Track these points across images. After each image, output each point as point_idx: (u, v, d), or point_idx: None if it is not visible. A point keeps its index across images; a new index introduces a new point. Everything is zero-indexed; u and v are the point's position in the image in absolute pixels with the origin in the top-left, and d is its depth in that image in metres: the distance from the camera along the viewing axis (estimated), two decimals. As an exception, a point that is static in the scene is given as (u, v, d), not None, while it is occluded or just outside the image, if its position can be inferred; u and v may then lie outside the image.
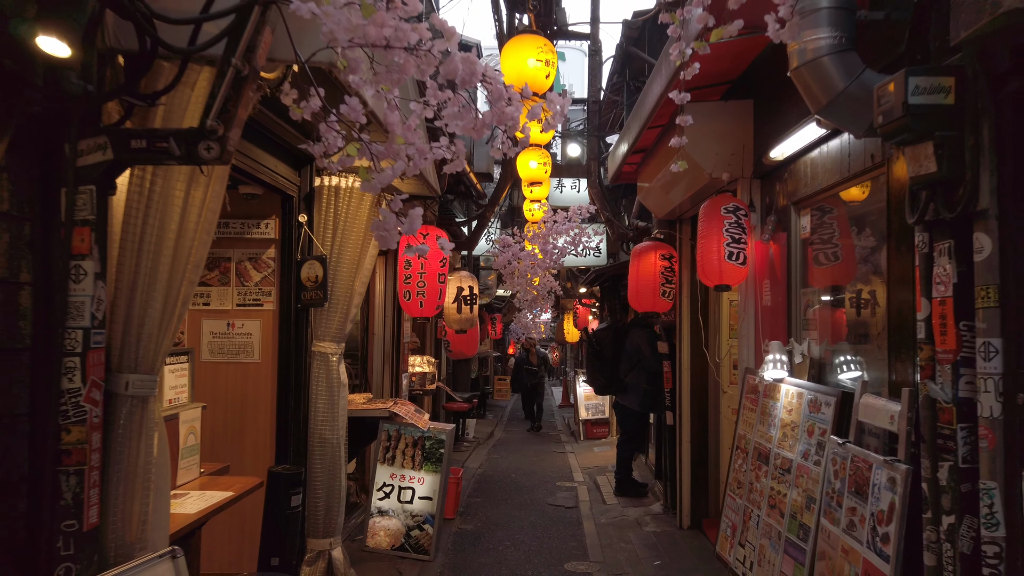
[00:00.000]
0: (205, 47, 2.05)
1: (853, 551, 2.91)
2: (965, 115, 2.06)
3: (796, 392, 3.77)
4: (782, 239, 4.28)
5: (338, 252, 4.52)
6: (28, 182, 2.08)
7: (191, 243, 2.38)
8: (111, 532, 2.22)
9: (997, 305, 2.02)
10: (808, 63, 2.85)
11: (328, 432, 4.46)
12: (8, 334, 2.05)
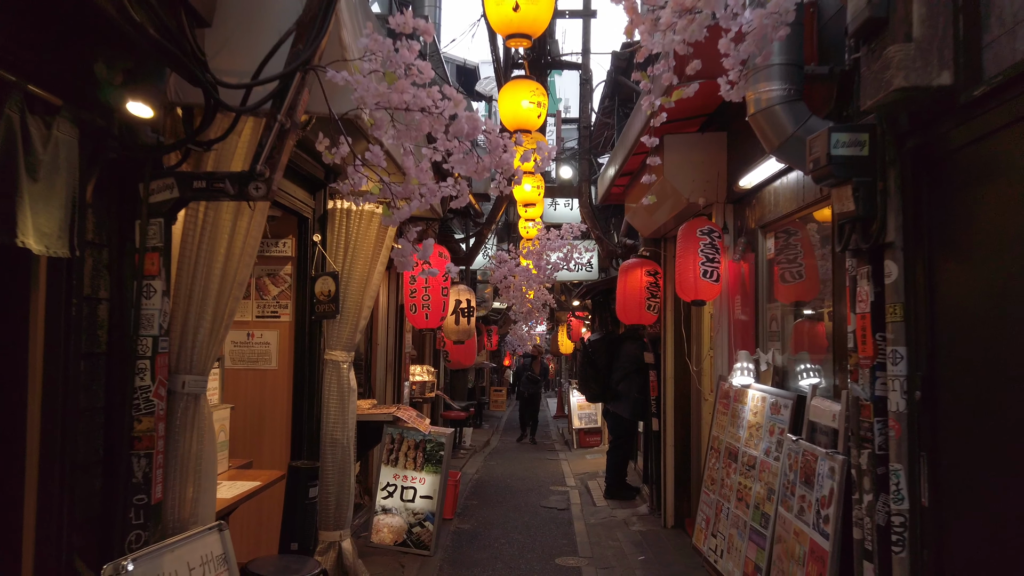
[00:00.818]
0: (256, 107, 2.51)
1: (802, 533, 3.35)
2: (877, 165, 2.53)
3: (760, 396, 4.22)
4: (751, 259, 4.74)
5: (349, 269, 4.97)
6: (108, 216, 2.53)
7: (237, 265, 2.83)
8: (169, 507, 2.66)
9: (902, 320, 2.47)
10: (763, 110, 3.33)
11: (339, 433, 4.88)
12: (91, 341, 2.49)
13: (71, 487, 2.36)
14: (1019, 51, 1.91)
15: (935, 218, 2.38)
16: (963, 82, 2.12)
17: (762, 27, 2.65)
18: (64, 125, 2.19)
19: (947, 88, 2.16)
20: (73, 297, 2.35)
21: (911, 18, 2.16)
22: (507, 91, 3.89)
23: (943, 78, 2.15)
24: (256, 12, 2.72)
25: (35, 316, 2.29)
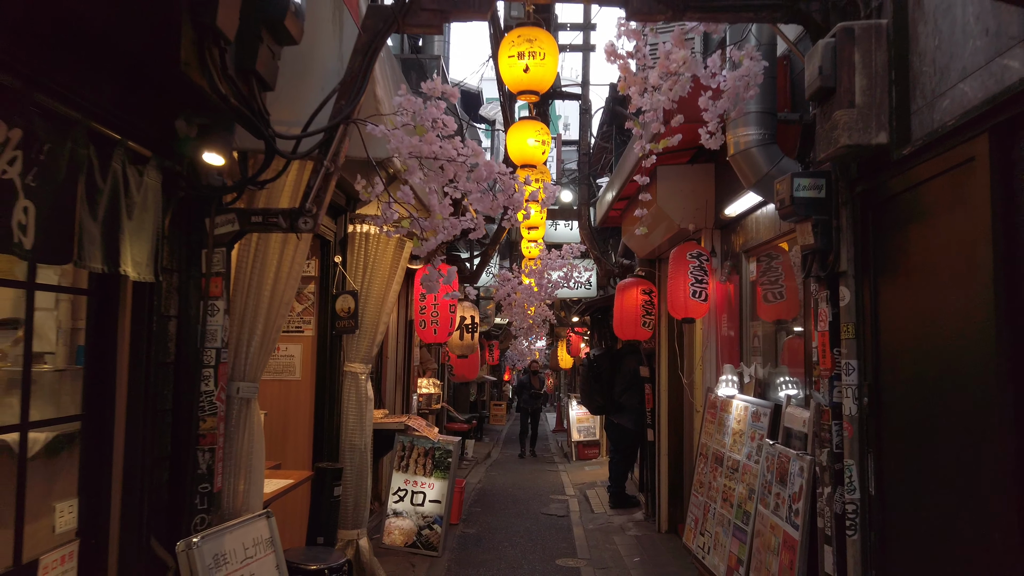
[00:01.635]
0: (306, 154, 2.96)
1: (777, 526, 3.77)
2: (832, 205, 2.98)
3: (743, 406, 4.64)
4: (736, 280, 5.19)
5: (367, 287, 5.41)
6: (179, 245, 2.97)
7: (284, 287, 3.27)
8: (225, 496, 3.08)
9: (854, 337, 2.91)
10: (741, 152, 3.79)
11: (357, 439, 5.30)
12: (162, 352, 2.92)
13: (148, 478, 2.78)
14: (936, 120, 2.36)
15: (879, 251, 2.82)
16: (896, 141, 2.57)
17: (735, 87, 3.12)
18: (152, 172, 2.64)
19: (884, 146, 2.61)
20: (154, 315, 2.78)
21: (854, 89, 2.62)
22: (515, 130, 4.34)
23: (880, 138, 2.60)
24: (303, 71, 3.18)
25: (122, 331, 2.73)
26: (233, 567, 2.86)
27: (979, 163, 2.12)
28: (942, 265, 2.36)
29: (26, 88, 2.01)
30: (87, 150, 2.25)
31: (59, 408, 2.57)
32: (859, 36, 2.64)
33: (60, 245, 2.15)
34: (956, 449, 2.26)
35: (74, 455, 2.60)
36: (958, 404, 2.25)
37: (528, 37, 3.11)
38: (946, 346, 2.32)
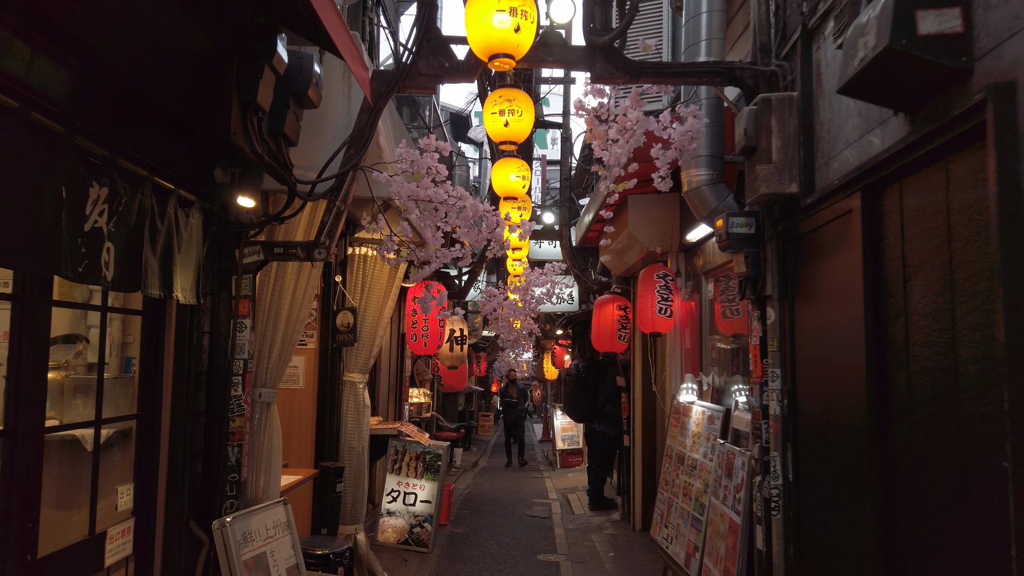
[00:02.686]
0: (320, 196, 3.53)
1: (725, 514, 4.34)
2: (760, 240, 3.58)
3: (701, 411, 5.23)
4: (697, 298, 5.79)
5: (365, 304, 5.96)
6: (212, 273, 3.52)
7: (299, 307, 3.82)
8: (249, 485, 3.61)
9: (778, 350, 3.50)
10: (694, 189, 4.39)
11: (355, 442, 5.83)
12: (198, 362, 3.46)
13: (187, 469, 3.32)
14: (830, 177, 2.96)
15: (794, 279, 3.42)
16: (804, 191, 3.18)
17: (681, 140, 3.73)
18: (195, 213, 3.20)
19: (795, 194, 3.21)
20: (193, 331, 3.33)
21: (771, 147, 3.22)
22: (499, 167, 4.93)
23: (792, 188, 3.20)
24: (317, 125, 3.75)
25: (168, 345, 3.27)
26: (257, 544, 3.39)
27: (855, 214, 2.72)
28: (834, 290, 2.95)
29: (111, 155, 2.57)
30: (151, 200, 2.81)
31: (117, 409, 3.10)
32: (775, 105, 3.25)
33: (131, 276, 2.70)
34: (844, 439, 2.84)
35: (130, 447, 3.13)
36: (844, 401, 2.83)
37: (508, 97, 3.70)
38: (836, 355, 2.91)
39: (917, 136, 2.25)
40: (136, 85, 2.66)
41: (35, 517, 2.41)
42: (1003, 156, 1.83)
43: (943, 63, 2.05)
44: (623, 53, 3.70)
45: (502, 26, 2.71)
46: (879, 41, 2.09)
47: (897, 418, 2.49)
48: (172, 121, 2.97)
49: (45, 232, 2.18)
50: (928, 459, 2.30)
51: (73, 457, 2.91)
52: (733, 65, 3.68)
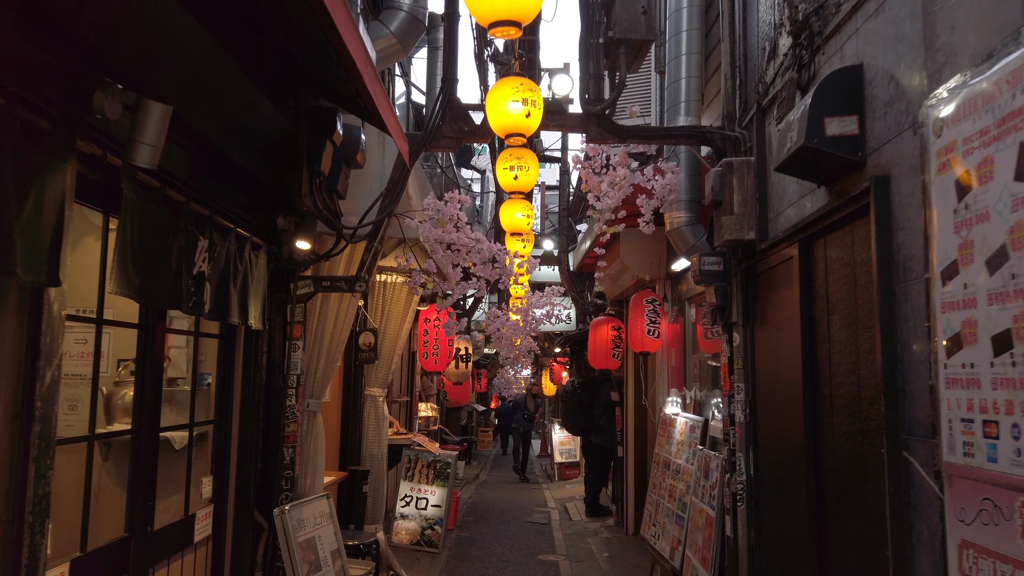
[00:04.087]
0: (361, 239, 4.24)
1: (702, 510, 5.01)
2: (728, 276, 4.29)
3: (684, 421, 5.91)
4: (681, 321, 6.50)
5: (384, 326, 6.65)
6: (271, 303, 4.22)
7: (340, 330, 4.52)
8: (299, 481, 4.29)
9: (742, 367, 4.21)
10: (675, 228, 5.12)
11: (376, 450, 6.50)
12: (259, 377, 4.14)
13: (252, 466, 4.00)
14: (778, 229, 3.69)
15: (754, 309, 4.13)
16: (759, 239, 3.90)
17: (662, 192, 4.46)
18: (262, 254, 3.91)
19: (752, 240, 3.94)
20: (257, 352, 4.03)
21: (733, 202, 3.95)
22: (506, 206, 5.66)
23: (750, 235, 3.93)
24: (356, 177, 4.47)
25: (237, 362, 3.96)
26: (308, 530, 4.07)
27: (794, 260, 3.44)
28: (781, 319, 3.66)
29: (211, 214, 3.28)
30: (234, 246, 3.52)
31: (198, 416, 3.79)
32: (736, 167, 3.98)
33: (222, 308, 3.40)
34: (789, 440, 3.53)
35: (208, 447, 3.81)
36: (788, 409, 3.53)
37: (517, 155, 4.43)
38: (783, 372, 3.61)
39: (832, 206, 2.98)
40: (229, 160, 3.38)
41: (153, 497, 3.09)
42: (881, 228, 2.56)
43: (845, 156, 2.78)
44: (613, 119, 4.44)
45: (516, 112, 3.44)
46: (799, 138, 2.83)
47: (824, 421, 3.20)
48: (250, 183, 3.69)
49: (172, 277, 2.88)
50: (841, 452, 3.00)
51: (164, 455, 3.59)
52: (705, 129, 4.43)
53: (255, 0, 2.67)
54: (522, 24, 2.63)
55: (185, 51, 2.59)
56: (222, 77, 2.85)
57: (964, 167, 2.09)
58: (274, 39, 3.03)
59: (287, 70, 3.42)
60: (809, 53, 3.21)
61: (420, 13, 4.96)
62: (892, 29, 2.56)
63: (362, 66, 2.67)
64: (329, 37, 2.47)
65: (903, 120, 2.48)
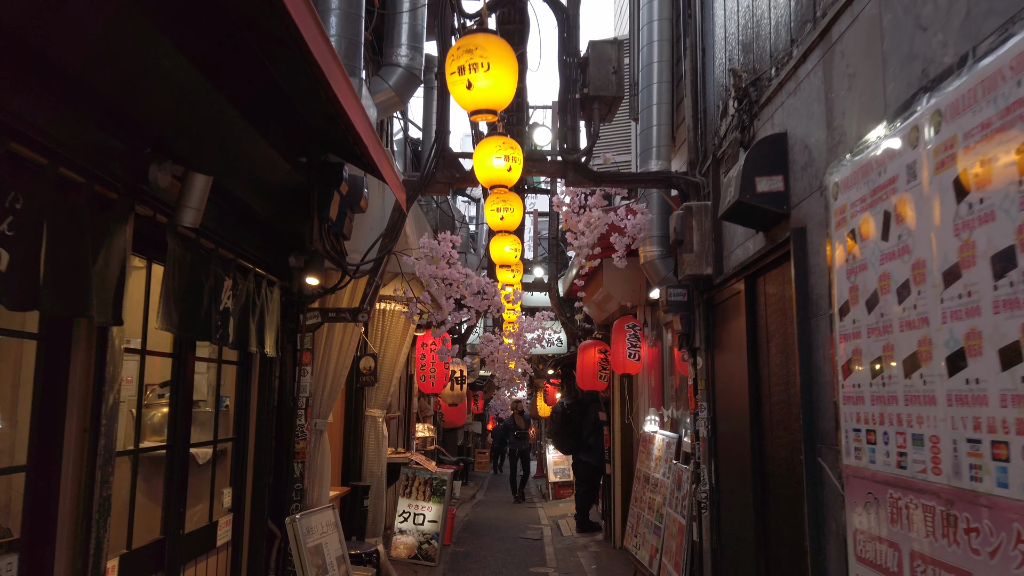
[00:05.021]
0: (363, 274, 4.75)
1: (676, 519, 5.47)
2: (691, 306, 4.80)
3: (662, 438, 6.38)
4: (659, 345, 6.99)
5: (383, 351, 7.13)
6: (283, 332, 4.71)
7: (344, 356, 5.01)
8: (308, 493, 4.75)
9: (704, 388, 4.70)
10: (648, 262, 5.63)
11: (375, 467, 6.94)
12: (272, 399, 4.62)
13: (265, 479, 4.46)
14: (730, 266, 4.20)
15: (713, 335, 4.63)
16: (716, 274, 4.41)
17: (633, 230, 4.98)
18: (276, 290, 4.41)
19: (710, 275, 4.45)
20: (270, 376, 4.51)
21: (693, 241, 4.47)
22: (496, 241, 6.17)
23: (708, 270, 4.44)
24: (359, 219, 4.99)
25: (253, 387, 4.44)
26: (316, 537, 4.52)
27: (742, 294, 3.94)
28: (733, 345, 4.16)
29: (235, 257, 3.79)
30: (253, 284, 4.02)
31: (219, 434, 4.26)
32: (695, 210, 4.51)
33: (243, 338, 3.89)
34: (740, 451, 4.01)
35: (228, 462, 4.28)
36: (739, 424, 4.01)
37: (503, 198, 4.95)
38: (735, 391, 4.10)
39: (767, 248, 3.50)
40: (249, 209, 3.90)
41: (184, 505, 3.56)
42: (798, 271, 3.07)
43: (773, 209, 3.30)
44: (588, 166, 4.98)
45: (499, 167, 3.96)
46: (736, 194, 3.35)
47: (766, 435, 3.68)
48: (266, 227, 4.20)
49: (203, 313, 3.38)
50: (779, 461, 3.48)
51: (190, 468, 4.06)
52: (670, 175, 4.96)
53: (283, 88, 3.20)
54: (497, 111, 3.15)
55: (224, 131, 3.12)
56: (250, 146, 3.37)
57: (851, 226, 2.61)
58: (294, 113, 3.56)
59: (301, 133, 3.95)
60: (748, 118, 3.75)
61: (415, 69, 5.51)
62: (806, 107, 3.10)
63: (366, 136, 3.19)
64: (339, 112, 3.01)
65: (814, 182, 3.00)
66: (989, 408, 1.83)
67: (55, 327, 2.58)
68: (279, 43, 2.66)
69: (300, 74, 2.84)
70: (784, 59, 3.32)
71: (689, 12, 4.99)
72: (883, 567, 2.36)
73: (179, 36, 2.50)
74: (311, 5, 2.31)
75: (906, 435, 2.24)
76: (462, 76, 2.96)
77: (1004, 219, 1.78)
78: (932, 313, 2.09)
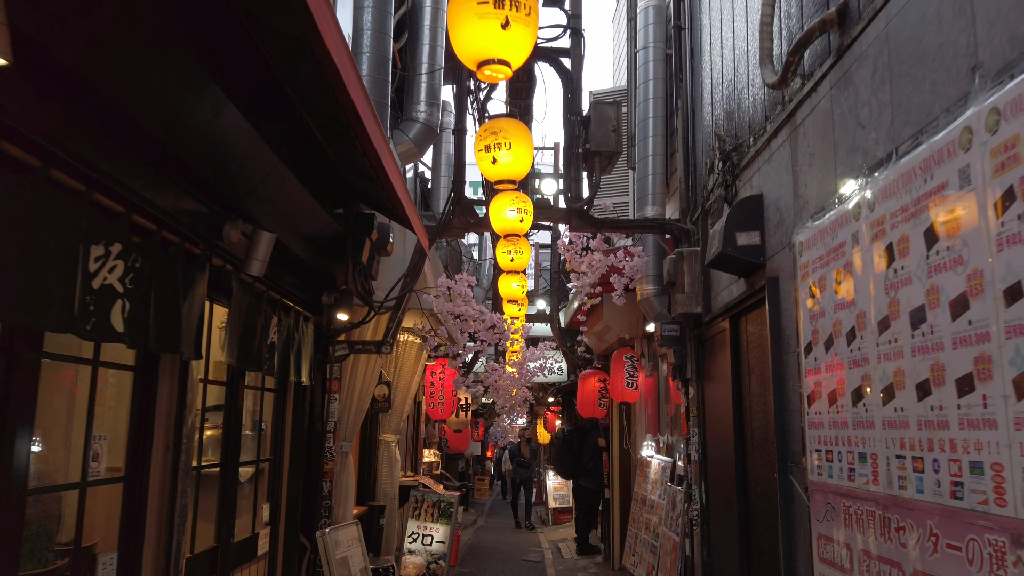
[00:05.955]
0: (387, 310, 5.26)
1: (670, 537, 5.91)
2: (684, 340, 5.31)
3: (658, 462, 6.84)
4: (655, 375, 7.48)
5: (397, 379, 7.60)
6: (314, 362, 5.20)
7: (368, 384, 5.50)
8: (334, 510, 5.20)
9: (696, 415, 5.18)
10: (645, 299, 6.15)
11: (389, 489, 7.38)
12: (302, 424, 5.09)
13: (298, 496, 4.92)
14: (718, 305, 4.71)
15: (703, 367, 5.13)
16: (704, 312, 4.93)
17: (631, 272, 5.51)
18: (310, 324, 4.92)
19: (699, 313, 4.97)
20: (303, 403, 4.99)
21: (684, 283, 4.99)
22: (504, 279, 6.70)
23: (698, 309, 4.96)
24: (383, 260, 5.52)
25: (288, 412, 4.92)
26: (343, 550, 4.97)
27: (727, 331, 4.45)
28: (720, 376, 4.66)
29: (280, 297, 4.29)
30: (293, 320, 4.52)
31: (259, 454, 4.73)
32: (686, 255, 5.04)
33: (284, 369, 4.38)
34: (727, 472, 4.48)
35: (265, 480, 4.74)
36: (726, 448, 4.49)
37: (513, 242, 5.48)
38: (722, 418, 4.59)
39: (748, 293, 4.02)
40: (292, 254, 4.42)
41: (234, 517, 4.02)
42: (772, 315, 3.58)
43: (752, 260, 3.83)
44: (591, 213, 5.52)
45: (512, 218, 4.50)
46: (719, 246, 3.88)
47: (748, 456, 4.17)
48: (304, 269, 4.72)
49: (256, 347, 3.88)
50: (758, 479, 3.97)
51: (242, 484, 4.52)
52: (664, 221, 5.51)
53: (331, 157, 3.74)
54: (516, 181, 3.70)
55: (283, 192, 3.66)
56: (302, 205, 3.91)
57: (812, 279, 3.14)
58: (337, 175, 4.10)
59: (340, 189, 4.49)
60: (731, 178, 4.30)
61: (432, 123, 6.09)
62: (777, 175, 3.65)
63: (402, 196, 3.73)
64: (379, 177, 3.54)
65: (784, 239, 3.54)
66: (910, 431, 2.34)
67: (147, 361, 3.08)
68: (338, 124, 3.20)
69: (351, 150, 3.38)
70: (760, 131, 3.88)
71: (680, 76, 5.58)
72: (839, 565, 2.84)
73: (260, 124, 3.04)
74: (371, 103, 2.86)
75: (854, 454, 2.74)
76: (488, 153, 3.51)
77: (917, 283, 2.30)
78: (871, 354, 2.60)
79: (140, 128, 2.54)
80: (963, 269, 2.05)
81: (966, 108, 2.04)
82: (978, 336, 1.98)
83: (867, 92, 2.67)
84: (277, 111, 3.26)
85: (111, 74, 2.27)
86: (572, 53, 5.78)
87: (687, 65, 5.53)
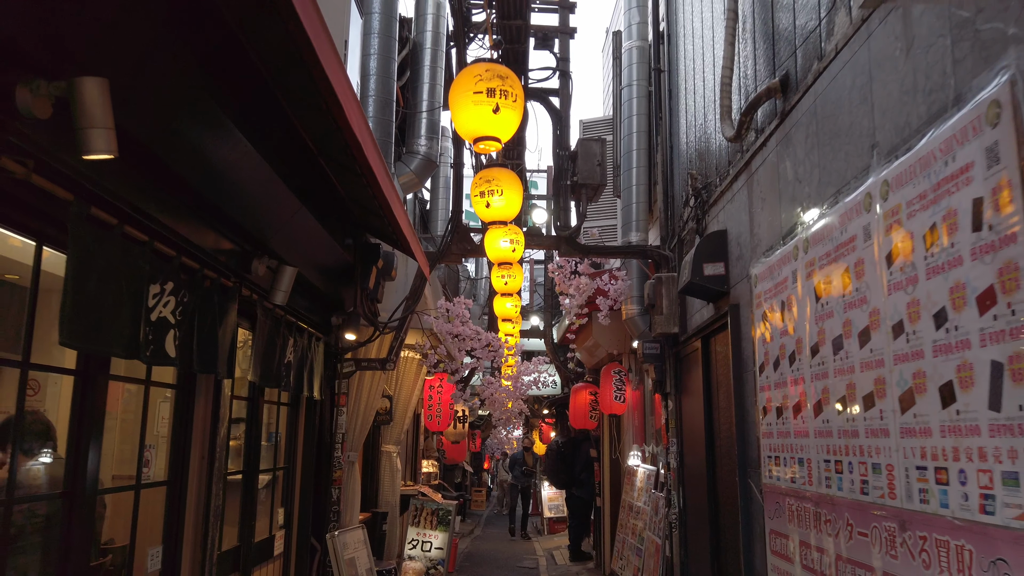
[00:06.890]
0: (391, 330, 5.72)
1: (654, 540, 6.36)
2: (664, 357, 5.78)
3: (643, 471, 7.29)
4: (641, 388, 7.95)
5: (397, 393, 8.06)
6: (328, 378, 5.65)
7: (373, 398, 5.96)
8: (342, 514, 5.64)
9: (675, 426, 5.65)
10: (630, 318, 6.64)
11: (390, 497, 7.81)
12: (312, 435, 5.54)
13: (308, 501, 5.36)
14: (692, 326, 5.19)
15: (681, 383, 5.61)
16: (681, 332, 5.41)
17: (616, 295, 5.99)
18: (321, 344, 5.38)
19: (676, 334, 5.44)
20: (314, 416, 5.45)
21: (663, 306, 5.47)
22: (499, 300, 7.18)
23: (675, 329, 5.44)
24: (387, 284, 5.99)
25: (301, 424, 5.37)
26: (350, 552, 5.40)
27: (699, 350, 4.93)
28: (694, 391, 5.13)
29: (296, 320, 4.76)
30: (305, 340, 4.99)
31: (275, 463, 5.17)
32: (664, 280, 5.52)
33: (299, 385, 4.84)
34: (700, 478, 4.94)
35: (280, 486, 5.19)
36: (698, 456, 4.95)
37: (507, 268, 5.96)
38: (696, 429, 5.06)
39: (715, 316, 4.50)
40: (306, 281, 4.89)
41: (254, 519, 4.46)
42: (734, 337, 4.06)
43: (717, 288, 4.31)
44: (578, 240, 6.01)
45: (505, 247, 4.99)
46: (688, 275, 4.37)
47: (717, 463, 4.63)
48: (315, 294, 5.20)
49: (276, 366, 4.34)
50: (725, 483, 4.43)
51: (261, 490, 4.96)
52: (646, 248, 6.00)
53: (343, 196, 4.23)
54: (507, 221, 4.19)
55: (302, 229, 4.14)
56: (318, 240, 4.39)
57: (764, 308, 3.62)
58: (348, 212, 4.59)
59: (349, 221, 4.97)
60: (701, 212, 4.79)
61: (432, 156, 6.58)
62: (738, 214, 4.14)
63: (406, 230, 4.21)
64: (386, 214, 4.03)
65: (744, 271, 4.02)
66: (833, 439, 2.81)
67: (186, 379, 3.54)
68: (351, 172, 3.68)
69: (362, 192, 3.86)
70: (725, 174, 4.38)
71: (660, 115, 6.09)
72: (784, 555, 3.30)
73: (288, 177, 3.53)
74: (381, 155, 3.34)
75: (795, 459, 3.21)
76: (482, 198, 4.00)
77: (837, 317, 2.79)
78: (807, 375, 3.08)
79: (185, 183, 3.02)
80: (866, 307, 2.53)
81: (868, 177, 2.54)
82: (876, 362, 2.46)
83: (802, 152, 3.17)
84: (300, 163, 3.75)
85: (169, 143, 2.75)
86: (560, 93, 6.30)
87: (666, 105, 6.04)
